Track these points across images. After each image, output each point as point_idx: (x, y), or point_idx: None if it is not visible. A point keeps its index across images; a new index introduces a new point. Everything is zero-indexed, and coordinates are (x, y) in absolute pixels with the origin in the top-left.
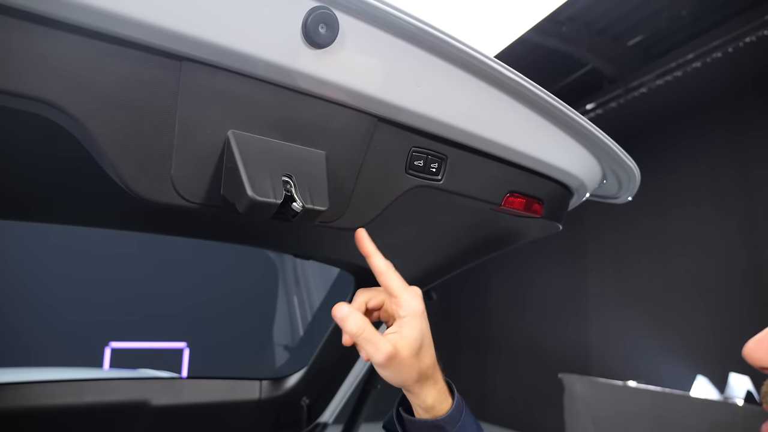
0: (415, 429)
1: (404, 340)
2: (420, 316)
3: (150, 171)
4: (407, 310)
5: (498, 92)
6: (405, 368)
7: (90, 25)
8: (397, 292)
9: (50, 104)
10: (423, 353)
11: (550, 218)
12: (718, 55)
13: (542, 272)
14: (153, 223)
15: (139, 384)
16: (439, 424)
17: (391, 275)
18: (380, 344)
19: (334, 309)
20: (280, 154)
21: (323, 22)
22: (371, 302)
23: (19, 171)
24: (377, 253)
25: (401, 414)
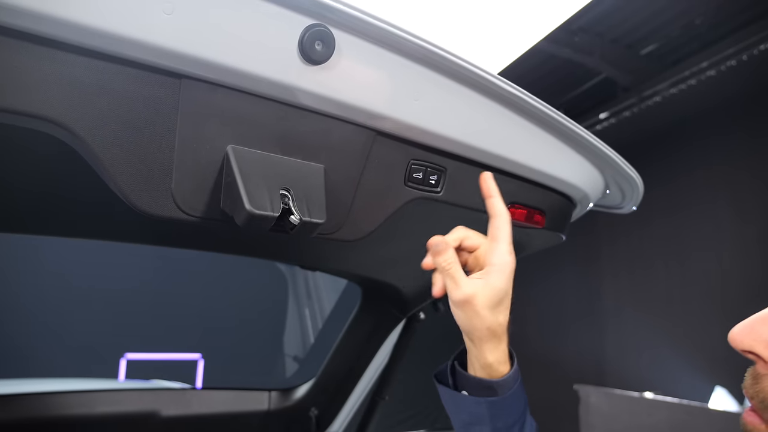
0: (466, 384)
1: (487, 288)
2: (509, 272)
3: (151, 186)
4: (501, 260)
5: (496, 105)
6: (477, 316)
7: (92, 45)
8: (501, 239)
9: (54, 122)
10: (500, 309)
11: (552, 229)
12: (733, 63)
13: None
14: (158, 235)
15: (149, 395)
16: (491, 386)
17: (504, 222)
18: (462, 284)
19: (432, 238)
20: (278, 168)
21: (319, 39)
22: (467, 241)
23: (24, 186)
24: (498, 195)
25: (455, 367)
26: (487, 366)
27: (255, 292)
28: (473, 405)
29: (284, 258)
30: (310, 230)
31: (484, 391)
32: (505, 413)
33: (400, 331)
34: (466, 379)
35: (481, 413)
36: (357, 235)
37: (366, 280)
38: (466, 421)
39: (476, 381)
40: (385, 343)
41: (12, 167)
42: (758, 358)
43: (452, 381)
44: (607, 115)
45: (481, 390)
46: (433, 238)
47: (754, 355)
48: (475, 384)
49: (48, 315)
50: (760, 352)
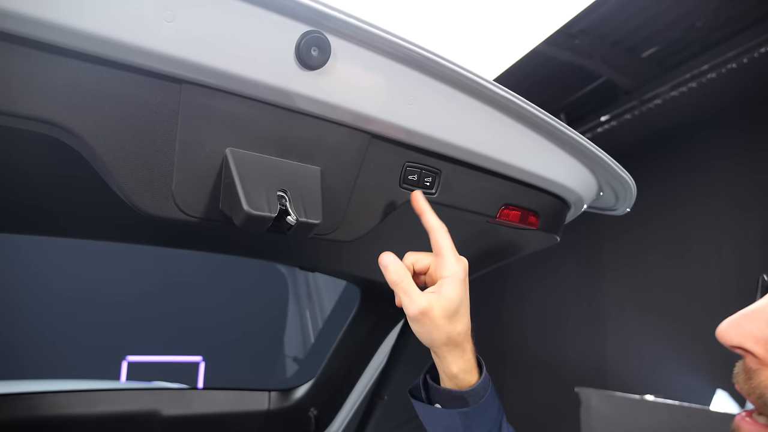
0: (437, 397)
1: (440, 299)
2: (461, 281)
3: (152, 187)
4: (449, 271)
5: (489, 109)
6: (435, 328)
7: (96, 52)
8: (444, 252)
9: (59, 126)
10: (457, 318)
11: (546, 230)
12: (733, 66)
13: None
14: (158, 236)
15: (150, 394)
16: (461, 396)
17: (443, 233)
18: (415, 297)
19: (381, 256)
20: (275, 170)
21: (315, 46)
22: (417, 264)
23: (25, 187)
24: (431, 211)
25: (427, 380)
26: (454, 377)
27: (256, 294)
28: (446, 417)
29: (283, 259)
30: (306, 231)
31: (455, 402)
32: (478, 422)
33: (399, 331)
34: (437, 391)
35: (455, 425)
36: (353, 236)
37: (364, 281)
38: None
39: (446, 392)
40: (384, 343)
41: (15, 169)
42: (747, 353)
43: (425, 395)
44: (608, 118)
45: (453, 401)
46: (382, 257)
47: (743, 350)
48: (446, 396)
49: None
50: (749, 348)
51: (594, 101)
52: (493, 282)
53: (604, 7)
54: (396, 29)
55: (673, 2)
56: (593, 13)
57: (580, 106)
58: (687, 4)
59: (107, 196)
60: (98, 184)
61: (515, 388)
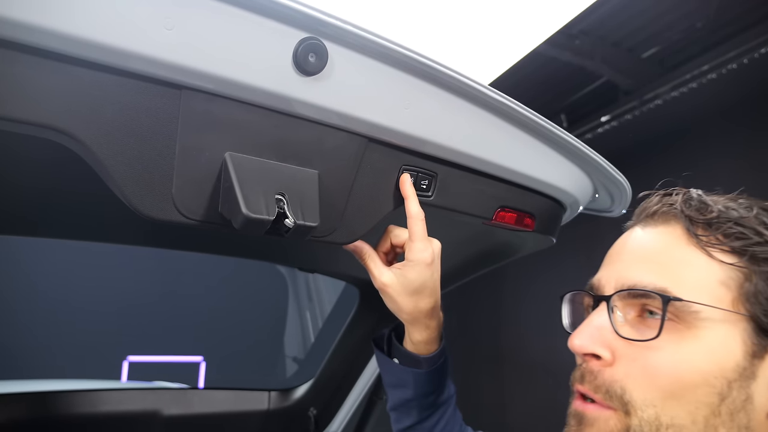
0: (396, 353)
1: (401, 278)
2: (425, 265)
3: (153, 191)
4: (415, 256)
5: (484, 113)
6: (395, 302)
7: (98, 59)
8: (413, 238)
9: (62, 131)
10: (420, 297)
11: (542, 232)
12: (734, 66)
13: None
14: (158, 238)
15: (151, 394)
16: (417, 359)
17: (417, 222)
18: (378, 273)
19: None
20: (273, 174)
21: (313, 52)
22: (395, 239)
23: (31, 191)
24: (414, 198)
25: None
26: (416, 343)
27: (256, 295)
28: (401, 372)
29: (282, 260)
30: (304, 233)
31: (410, 362)
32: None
33: None
34: (397, 349)
35: (406, 379)
36: (350, 238)
37: (363, 282)
38: (393, 383)
39: (405, 353)
40: None
41: (19, 173)
42: (594, 358)
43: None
44: (608, 119)
45: (409, 361)
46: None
47: (593, 356)
48: (404, 355)
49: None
50: (600, 353)
51: (594, 102)
52: (492, 282)
53: (605, 8)
54: (395, 32)
55: (673, 3)
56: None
57: (581, 106)
58: (688, 5)
59: (107, 200)
60: (99, 188)
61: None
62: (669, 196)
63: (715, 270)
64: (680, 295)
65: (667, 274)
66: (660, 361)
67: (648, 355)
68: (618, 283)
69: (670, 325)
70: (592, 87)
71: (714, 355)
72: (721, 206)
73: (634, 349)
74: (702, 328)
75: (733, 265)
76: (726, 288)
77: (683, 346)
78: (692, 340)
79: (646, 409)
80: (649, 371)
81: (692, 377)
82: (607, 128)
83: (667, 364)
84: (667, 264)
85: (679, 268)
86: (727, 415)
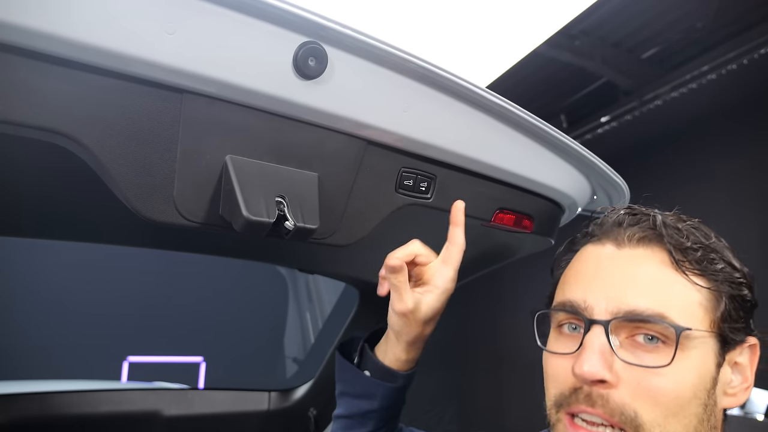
0: (370, 366)
1: (425, 305)
2: (448, 295)
3: (154, 194)
4: (444, 285)
5: (483, 115)
6: (411, 327)
7: (101, 64)
8: (450, 264)
9: (65, 135)
10: (430, 324)
11: (541, 233)
12: (733, 66)
13: None
14: (159, 239)
15: (151, 395)
16: (395, 374)
17: (460, 251)
18: (406, 298)
19: (389, 257)
20: (274, 176)
21: (312, 56)
22: (420, 258)
23: (34, 193)
24: (461, 226)
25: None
26: (401, 361)
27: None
28: (370, 385)
29: (283, 261)
30: (304, 235)
31: (385, 376)
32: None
33: None
34: (372, 362)
35: (374, 392)
36: (349, 240)
37: (363, 283)
38: (357, 393)
39: (381, 367)
40: None
41: (20, 174)
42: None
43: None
44: (608, 119)
45: (383, 375)
46: (390, 261)
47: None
48: (381, 369)
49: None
50: (607, 378)
51: (594, 102)
52: (490, 283)
53: (605, 9)
54: (394, 35)
55: (673, 3)
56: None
57: (581, 107)
58: (687, 6)
59: (109, 202)
60: (101, 190)
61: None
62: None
63: (695, 294)
64: (673, 317)
65: (660, 299)
66: (664, 383)
67: (652, 379)
68: (612, 307)
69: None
70: (592, 87)
71: (700, 371)
72: (689, 231)
73: (637, 373)
74: (691, 348)
75: (708, 289)
76: (704, 310)
77: (679, 367)
78: (685, 360)
79: (654, 429)
80: (653, 393)
81: (687, 394)
82: (607, 129)
83: (670, 386)
84: (659, 289)
85: (669, 293)
86: (707, 420)
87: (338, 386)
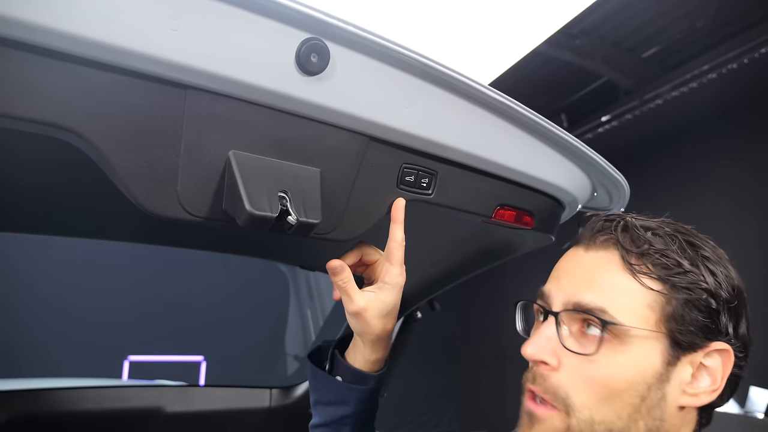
0: (342, 371)
1: (377, 301)
2: (399, 289)
3: (158, 189)
4: (393, 279)
5: (484, 112)
6: (368, 324)
7: (106, 60)
8: (393, 262)
9: (71, 130)
10: (387, 319)
11: (541, 230)
12: (734, 66)
13: None
14: (163, 236)
15: (153, 391)
16: (366, 376)
17: (400, 247)
18: (356, 298)
19: (330, 261)
20: (276, 172)
21: (315, 52)
22: (366, 257)
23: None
24: (402, 224)
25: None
26: (371, 362)
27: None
28: (343, 390)
29: (283, 258)
30: (306, 230)
31: (357, 380)
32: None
33: (397, 331)
34: (344, 367)
35: (348, 397)
36: (351, 235)
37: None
38: (331, 400)
39: (353, 371)
40: None
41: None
42: (543, 364)
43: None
44: (608, 118)
45: (355, 379)
46: (330, 262)
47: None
48: (353, 373)
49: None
50: (547, 360)
51: (595, 101)
52: (492, 280)
53: (605, 8)
54: (396, 32)
55: (674, 3)
56: (594, 13)
57: (581, 106)
58: (688, 5)
59: (113, 197)
60: (104, 186)
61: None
62: (610, 222)
63: (643, 295)
64: (615, 315)
65: (605, 296)
66: (597, 372)
67: (588, 367)
68: (565, 299)
69: (606, 342)
70: (593, 87)
71: (638, 366)
72: (650, 237)
73: (577, 360)
74: (631, 344)
75: (658, 292)
76: (651, 310)
77: (615, 360)
78: (623, 354)
79: (583, 411)
80: (587, 380)
81: (620, 384)
82: (608, 128)
83: (602, 374)
84: (606, 287)
85: (614, 292)
86: (645, 411)
87: (312, 396)
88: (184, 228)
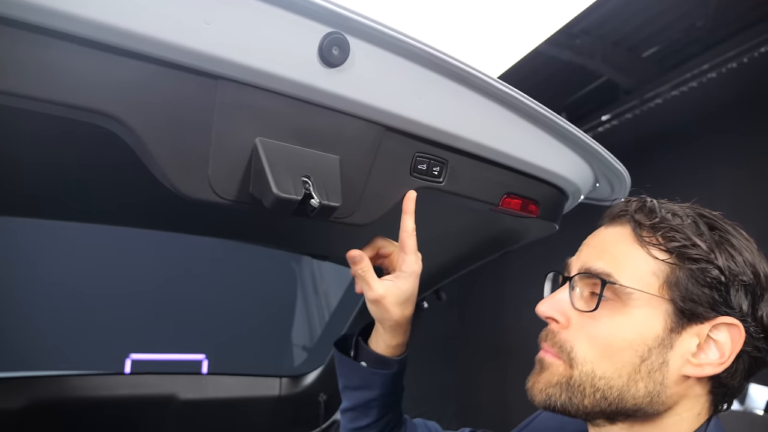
0: (365, 357)
1: (395, 288)
2: (415, 277)
3: (191, 173)
4: (409, 267)
5: (493, 104)
6: (387, 311)
7: (145, 51)
8: (408, 251)
9: (113, 117)
10: (406, 306)
11: (545, 218)
12: (734, 65)
13: None
14: (177, 222)
15: (167, 379)
16: (389, 361)
17: (413, 236)
18: (375, 286)
19: (350, 251)
20: (300, 158)
21: (336, 45)
22: (383, 249)
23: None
24: (412, 215)
25: (360, 342)
26: (392, 347)
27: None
28: (369, 375)
29: (295, 247)
30: (327, 213)
31: (381, 365)
32: (391, 383)
33: None
34: (368, 353)
35: (373, 381)
36: (368, 220)
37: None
38: (357, 385)
39: (376, 356)
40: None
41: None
42: (554, 321)
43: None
44: (608, 117)
45: (378, 364)
46: (350, 252)
47: (552, 319)
48: (374, 358)
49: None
50: (557, 317)
51: (595, 101)
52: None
53: (605, 7)
54: (406, 30)
55: (673, 2)
56: (594, 13)
57: (581, 105)
58: (687, 4)
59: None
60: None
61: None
62: (629, 203)
63: (649, 263)
64: (620, 279)
65: (612, 262)
66: (599, 330)
67: (591, 324)
68: (579, 266)
69: (610, 303)
70: (593, 86)
71: (639, 328)
72: (665, 213)
73: (583, 319)
74: (633, 306)
75: (663, 261)
76: (655, 277)
77: (616, 320)
78: (624, 315)
79: (585, 364)
80: (590, 336)
81: (620, 343)
82: (608, 127)
83: (604, 332)
84: (615, 255)
85: (621, 259)
86: (645, 372)
87: (340, 381)
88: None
